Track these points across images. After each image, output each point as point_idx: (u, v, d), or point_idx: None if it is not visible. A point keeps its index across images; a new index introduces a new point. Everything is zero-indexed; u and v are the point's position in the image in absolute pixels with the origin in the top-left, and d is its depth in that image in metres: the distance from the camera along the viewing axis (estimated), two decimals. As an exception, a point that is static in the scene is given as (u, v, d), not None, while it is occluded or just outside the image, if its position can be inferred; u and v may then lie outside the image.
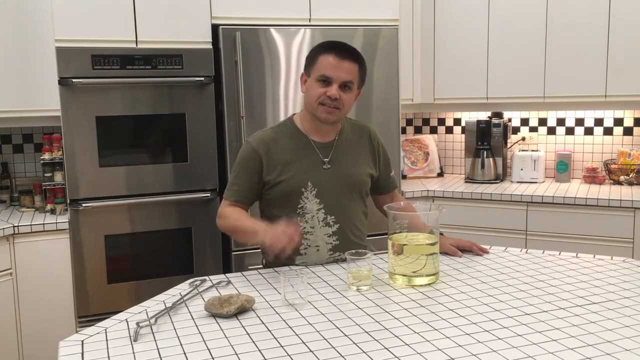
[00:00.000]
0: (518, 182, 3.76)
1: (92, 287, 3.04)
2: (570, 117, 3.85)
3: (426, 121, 4.32)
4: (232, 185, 2.09)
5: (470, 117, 4.04)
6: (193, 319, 1.58)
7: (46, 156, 3.16)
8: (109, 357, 1.36)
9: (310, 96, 2.01)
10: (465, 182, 3.87)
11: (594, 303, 1.62)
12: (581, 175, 3.77)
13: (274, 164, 2.03)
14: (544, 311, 1.57)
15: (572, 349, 1.34)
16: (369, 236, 2.22)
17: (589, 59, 3.42)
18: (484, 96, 3.73)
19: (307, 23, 3.27)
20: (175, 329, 1.51)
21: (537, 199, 3.36)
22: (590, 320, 1.50)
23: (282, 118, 3.04)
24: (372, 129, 2.22)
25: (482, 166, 3.81)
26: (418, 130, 4.35)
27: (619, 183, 3.58)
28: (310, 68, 2.01)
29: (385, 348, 1.36)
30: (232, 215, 2.05)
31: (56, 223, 2.97)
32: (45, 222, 2.95)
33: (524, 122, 3.99)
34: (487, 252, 2.15)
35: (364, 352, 1.35)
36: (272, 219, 2.06)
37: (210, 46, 3.13)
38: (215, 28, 3.13)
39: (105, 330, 1.52)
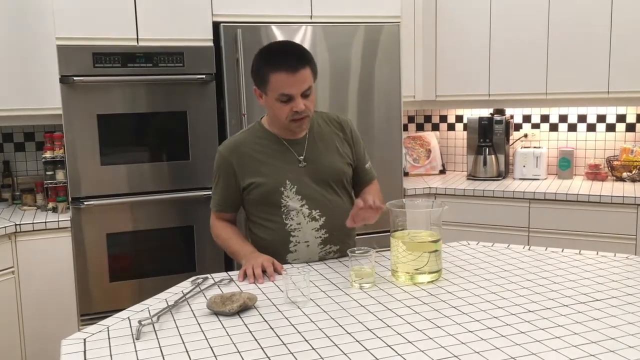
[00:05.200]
0: (520, 179, 3.76)
1: (94, 285, 3.04)
2: (572, 114, 3.84)
3: (428, 118, 4.31)
4: (213, 195, 2.15)
5: (472, 114, 4.03)
6: (195, 317, 1.58)
7: (48, 154, 3.15)
8: (111, 356, 1.36)
9: (276, 115, 1.97)
10: (467, 179, 3.86)
11: (597, 300, 1.62)
12: (584, 172, 3.77)
13: (248, 168, 2.03)
14: (547, 308, 1.56)
15: (575, 345, 1.34)
16: (370, 234, 2.21)
17: (591, 55, 3.41)
18: (486, 93, 3.72)
19: (309, 20, 3.26)
20: (177, 327, 1.51)
21: (539, 195, 3.35)
22: (594, 317, 1.50)
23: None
24: (343, 119, 2.17)
25: (484, 163, 3.80)
26: (420, 128, 4.35)
27: (622, 179, 3.57)
28: (264, 87, 1.93)
29: (388, 345, 1.36)
30: (222, 234, 2.13)
31: (58, 221, 2.97)
32: (47, 221, 2.96)
33: (526, 118, 3.98)
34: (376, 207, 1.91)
35: (366, 349, 1.35)
36: (258, 220, 2.09)
37: (211, 44, 3.12)
38: (216, 26, 3.12)
39: (108, 328, 1.52)
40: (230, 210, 2.14)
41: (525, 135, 3.96)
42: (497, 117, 3.81)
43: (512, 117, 3.95)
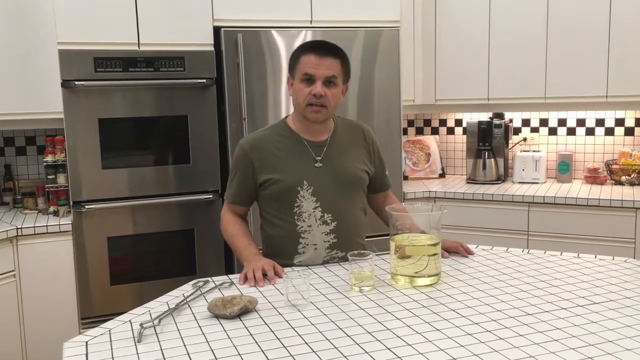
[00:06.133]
0: (519, 182, 3.77)
1: (95, 288, 3.04)
2: (571, 118, 3.86)
3: (427, 122, 4.32)
4: (229, 187, 2.16)
5: (471, 117, 4.05)
6: (196, 320, 1.59)
7: (49, 158, 3.16)
8: (112, 358, 1.37)
9: (297, 98, 2.03)
10: (467, 182, 3.87)
11: (596, 303, 1.63)
12: (582, 176, 3.78)
13: (267, 164, 2.06)
14: (546, 311, 1.57)
15: (573, 348, 1.35)
16: (370, 237, 2.23)
17: (590, 60, 3.43)
18: (485, 97, 3.74)
19: (309, 25, 3.28)
20: (178, 330, 1.52)
21: (538, 199, 3.36)
22: (592, 320, 1.51)
23: (283, 119, 3.05)
24: (366, 128, 2.22)
25: (484, 167, 3.81)
26: (419, 131, 4.36)
27: (621, 183, 3.58)
28: (294, 70, 2.03)
29: (388, 348, 1.37)
30: (229, 228, 2.14)
31: (59, 225, 2.98)
32: (48, 224, 2.96)
33: (525, 122, 3.99)
34: (473, 254, 2.13)
35: (366, 352, 1.35)
36: (270, 217, 2.11)
37: (212, 48, 3.14)
38: (217, 30, 3.14)
39: (109, 331, 1.53)
40: (243, 203, 2.15)
41: (525, 139, 3.97)
42: (496, 121, 3.82)
43: (511, 121, 3.96)
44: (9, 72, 3.06)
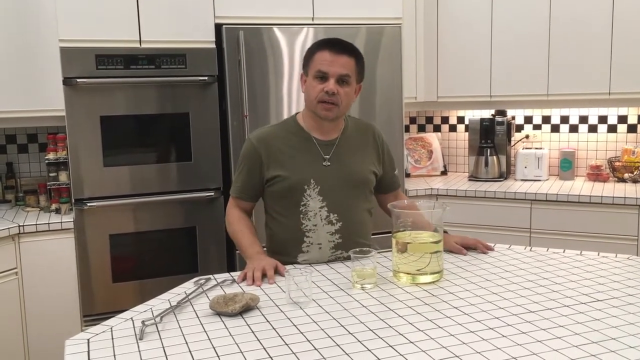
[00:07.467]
0: (522, 180, 3.76)
1: (97, 286, 3.05)
2: (574, 115, 3.85)
3: (429, 119, 4.32)
4: (235, 181, 2.16)
5: (473, 115, 4.03)
6: (198, 317, 1.59)
7: (51, 156, 3.17)
8: (114, 356, 1.37)
9: (309, 94, 2.03)
10: (469, 180, 3.87)
11: (598, 300, 1.62)
12: (585, 173, 3.77)
13: (275, 161, 2.05)
14: (548, 309, 1.57)
15: (576, 346, 1.34)
16: (373, 234, 2.22)
17: (592, 57, 3.42)
18: (488, 94, 3.73)
19: (310, 22, 3.27)
20: (180, 327, 1.52)
21: (541, 196, 3.36)
22: (595, 317, 1.51)
23: (285, 117, 3.04)
24: (376, 128, 2.22)
25: (486, 164, 3.81)
26: (421, 129, 4.35)
27: (623, 180, 3.58)
28: (308, 67, 2.03)
29: (390, 346, 1.37)
30: (235, 225, 2.12)
31: (61, 222, 2.98)
32: (50, 222, 2.97)
33: (528, 120, 3.98)
34: (492, 249, 2.15)
35: (368, 349, 1.35)
36: (275, 215, 2.10)
37: (213, 46, 3.13)
38: (218, 27, 3.13)
39: (111, 328, 1.53)
40: (249, 199, 2.14)
41: (527, 137, 3.97)
42: (498, 118, 3.81)
43: (513, 118, 3.95)
44: (10, 69, 3.06)
